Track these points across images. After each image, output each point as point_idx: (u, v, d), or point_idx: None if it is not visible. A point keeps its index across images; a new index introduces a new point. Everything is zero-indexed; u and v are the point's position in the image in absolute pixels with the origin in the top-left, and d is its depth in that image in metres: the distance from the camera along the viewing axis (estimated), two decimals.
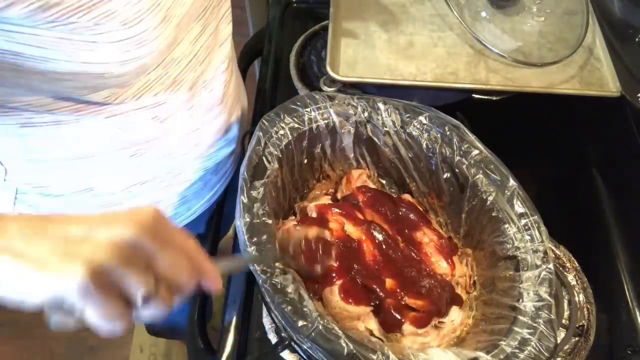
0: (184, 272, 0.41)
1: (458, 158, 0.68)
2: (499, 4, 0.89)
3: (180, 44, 0.63)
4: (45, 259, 0.37)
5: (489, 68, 0.83)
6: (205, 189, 0.84)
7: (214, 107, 0.75)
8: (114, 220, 0.40)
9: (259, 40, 1.05)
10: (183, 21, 0.60)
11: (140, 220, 0.40)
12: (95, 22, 0.49)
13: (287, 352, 0.63)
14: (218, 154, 0.81)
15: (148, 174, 0.73)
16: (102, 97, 0.59)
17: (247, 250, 0.55)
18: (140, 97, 0.63)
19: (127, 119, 0.64)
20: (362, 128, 0.71)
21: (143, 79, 0.61)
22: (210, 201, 0.86)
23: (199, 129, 0.74)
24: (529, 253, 0.62)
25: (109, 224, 0.39)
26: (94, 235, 0.39)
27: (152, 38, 0.54)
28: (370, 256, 0.65)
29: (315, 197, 0.75)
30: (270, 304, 0.54)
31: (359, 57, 0.84)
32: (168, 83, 0.65)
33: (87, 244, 0.38)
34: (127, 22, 0.51)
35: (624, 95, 0.80)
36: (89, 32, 0.50)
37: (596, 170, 0.90)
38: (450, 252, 0.70)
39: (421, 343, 0.63)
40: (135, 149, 0.69)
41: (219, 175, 0.85)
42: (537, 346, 0.55)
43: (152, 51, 0.55)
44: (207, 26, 0.67)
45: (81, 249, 0.38)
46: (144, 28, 0.53)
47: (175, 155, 0.74)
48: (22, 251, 0.37)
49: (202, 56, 0.68)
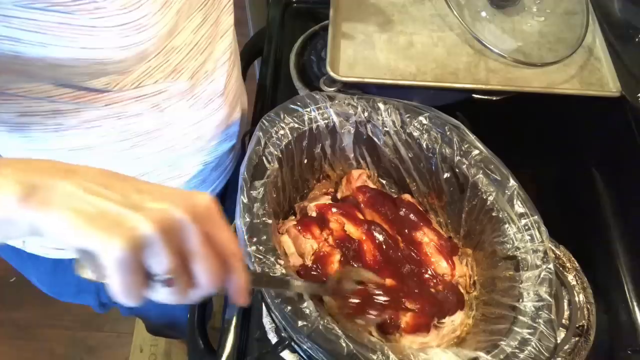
0: (213, 274, 0.40)
1: (458, 158, 0.68)
2: (499, 4, 0.89)
3: (181, 32, 0.63)
4: (96, 219, 0.37)
5: (489, 68, 0.83)
6: (205, 185, 0.84)
7: (215, 99, 0.74)
8: (171, 196, 0.40)
9: (259, 40, 1.05)
10: (184, 8, 0.60)
11: (195, 204, 0.39)
12: (95, 7, 0.49)
13: (287, 352, 0.63)
14: (218, 148, 0.81)
15: (148, 166, 0.73)
16: (102, 84, 0.59)
17: (293, 279, 0.53)
18: (141, 85, 0.63)
19: (127, 107, 0.64)
20: (362, 128, 0.71)
21: (143, 66, 0.61)
22: None
23: (200, 122, 0.74)
24: (529, 253, 0.62)
25: (164, 199, 0.39)
26: (147, 205, 0.38)
27: (152, 23, 0.54)
28: (371, 256, 0.65)
29: (315, 197, 0.75)
30: (270, 304, 0.54)
31: (359, 57, 0.84)
32: (168, 71, 0.64)
33: (140, 212, 0.37)
34: (126, 7, 0.51)
35: (624, 95, 0.80)
36: (88, 16, 0.49)
37: (596, 170, 0.90)
38: (451, 252, 0.70)
39: (421, 343, 0.63)
40: (136, 140, 0.68)
41: (219, 171, 0.85)
42: (537, 346, 0.55)
43: (152, 37, 0.55)
44: (209, 16, 0.67)
45: (131, 218, 0.37)
46: (144, 13, 0.53)
47: (175, 148, 0.74)
48: (79, 207, 0.37)
49: (203, 45, 0.68)
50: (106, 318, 1.56)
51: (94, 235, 0.36)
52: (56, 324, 1.60)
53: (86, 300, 0.97)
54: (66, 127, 0.63)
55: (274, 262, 0.55)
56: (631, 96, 0.79)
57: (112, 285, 0.37)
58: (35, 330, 1.59)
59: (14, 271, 0.89)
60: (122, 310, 1.06)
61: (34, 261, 0.81)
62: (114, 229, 0.36)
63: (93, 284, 0.92)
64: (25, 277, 0.91)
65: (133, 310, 1.07)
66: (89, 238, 0.36)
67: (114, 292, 0.38)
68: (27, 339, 1.59)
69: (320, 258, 0.65)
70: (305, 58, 0.99)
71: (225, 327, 0.70)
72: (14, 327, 1.59)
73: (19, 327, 1.60)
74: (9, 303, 1.61)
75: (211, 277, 0.40)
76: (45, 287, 0.93)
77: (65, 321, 1.60)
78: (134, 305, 0.39)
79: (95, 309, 1.02)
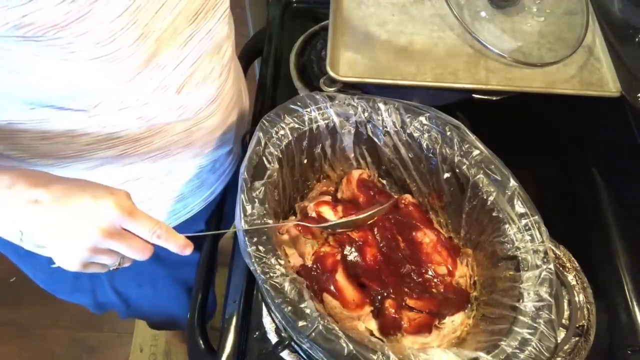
0: (138, 252, 0.54)
1: (458, 158, 0.68)
2: (499, 4, 0.89)
3: (166, 50, 0.61)
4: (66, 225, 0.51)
5: (489, 68, 0.83)
6: (203, 187, 0.83)
7: (205, 108, 0.72)
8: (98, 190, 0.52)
9: (259, 40, 1.05)
10: (165, 35, 0.59)
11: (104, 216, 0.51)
12: (68, 41, 0.49)
13: (287, 352, 0.63)
14: (214, 153, 0.80)
15: (140, 171, 0.73)
16: (83, 105, 0.59)
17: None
18: (123, 102, 0.61)
19: (111, 119, 0.63)
20: (363, 128, 0.71)
21: (124, 85, 0.60)
22: (208, 200, 0.86)
23: (190, 129, 0.72)
24: (530, 253, 0.62)
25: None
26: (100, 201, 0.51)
27: (127, 55, 0.54)
28: (371, 256, 0.65)
29: (316, 197, 0.75)
30: (270, 304, 0.54)
31: (358, 57, 0.84)
32: (152, 87, 0.63)
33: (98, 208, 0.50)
34: (99, 42, 0.51)
35: (624, 95, 0.80)
36: (62, 51, 0.50)
37: (596, 170, 0.90)
38: (451, 252, 0.70)
39: (422, 343, 0.63)
40: (123, 148, 0.68)
41: (217, 174, 0.84)
42: (537, 346, 0.55)
43: (127, 67, 0.55)
44: (199, 30, 0.64)
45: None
46: (118, 47, 0.52)
47: (167, 154, 0.73)
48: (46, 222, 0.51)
49: (191, 59, 0.65)
50: (106, 318, 1.56)
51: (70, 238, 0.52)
52: (56, 324, 1.60)
53: (81, 299, 0.97)
54: (52, 134, 0.62)
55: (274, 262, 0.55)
56: (631, 96, 0.79)
57: (123, 251, 0.53)
58: (35, 330, 1.59)
59: (14, 271, 0.89)
60: (121, 312, 1.06)
61: (30, 259, 0.82)
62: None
63: (89, 283, 0.92)
64: (25, 277, 0.91)
65: (131, 313, 1.07)
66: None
67: (128, 254, 0.54)
68: (27, 339, 1.59)
69: (320, 258, 0.65)
70: (305, 58, 0.99)
71: (225, 327, 0.70)
72: (14, 327, 1.59)
73: (19, 327, 1.59)
74: (9, 303, 1.61)
75: (140, 255, 0.53)
76: (42, 284, 0.93)
77: (65, 321, 1.60)
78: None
79: (91, 309, 1.02)
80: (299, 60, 0.98)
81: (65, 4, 0.47)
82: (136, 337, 1.59)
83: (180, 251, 0.55)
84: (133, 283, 0.96)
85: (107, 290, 0.95)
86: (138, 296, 1.00)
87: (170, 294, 1.02)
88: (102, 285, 0.94)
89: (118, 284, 0.95)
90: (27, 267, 0.88)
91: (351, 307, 0.62)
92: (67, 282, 0.91)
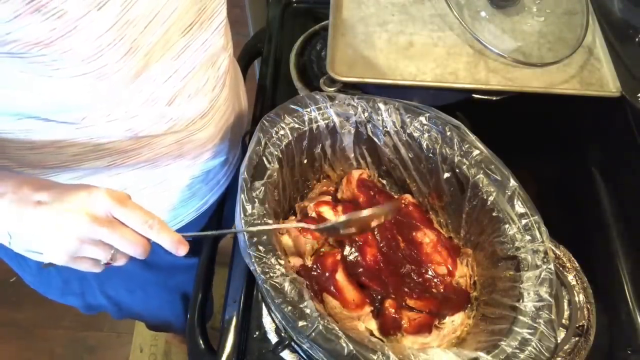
0: (133, 247, 0.53)
1: (458, 158, 0.68)
2: (499, 4, 0.89)
3: (156, 63, 0.60)
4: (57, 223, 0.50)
5: (489, 68, 0.83)
6: (195, 198, 0.82)
7: (197, 121, 0.70)
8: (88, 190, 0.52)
9: (259, 40, 1.05)
10: (155, 49, 0.58)
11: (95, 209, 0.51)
12: (53, 58, 0.48)
13: (287, 352, 0.63)
14: (206, 164, 0.78)
15: (129, 181, 0.71)
16: (70, 118, 0.58)
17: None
18: (110, 114, 0.60)
19: (99, 131, 0.62)
20: (363, 128, 0.71)
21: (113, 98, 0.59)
22: (200, 210, 0.84)
23: (181, 141, 0.71)
24: (530, 253, 0.62)
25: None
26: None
27: (114, 71, 0.53)
28: (371, 256, 0.65)
29: (316, 197, 0.75)
30: (271, 304, 0.54)
31: (358, 57, 0.84)
32: (141, 100, 0.61)
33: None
34: (85, 59, 0.50)
35: (624, 95, 0.80)
36: (47, 68, 0.49)
37: (596, 170, 0.90)
38: (451, 252, 0.70)
39: (422, 343, 0.63)
40: (111, 159, 0.66)
41: (210, 184, 0.82)
42: (537, 346, 0.55)
43: (115, 83, 0.54)
44: (193, 41, 0.63)
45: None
46: (105, 62, 0.51)
47: (157, 165, 0.71)
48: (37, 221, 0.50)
49: (184, 71, 0.64)
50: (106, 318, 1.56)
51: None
52: (56, 324, 1.59)
53: (71, 301, 0.96)
54: (39, 144, 0.61)
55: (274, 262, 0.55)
56: (631, 96, 0.79)
57: (117, 244, 0.52)
58: (35, 330, 1.59)
59: (14, 271, 0.89)
60: (113, 314, 1.05)
61: (20, 261, 0.81)
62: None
63: (78, 287, 0.92)
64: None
65: (124, 315, 1.06)
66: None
67: (122, 248, 0.52)
68: (27, 339, 1.59)
69: (320, 258, 0.65)
70: (305, 58, 0.99)
71: (225, 327, 0.70)
72: (14, 327, 1.59)
73: (19, 327, 1.60)
74: (9, 303, 1.61)
75: (133, 249, 0.52)
76: (32, 286, 0.93)
77: (65, 321, 1.60)
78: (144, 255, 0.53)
79: (82, 310, 1.01)
80: (299, 60, 0.98)
81: (51, 21, 0.46)
82: (136, 337, 1.59)
83: (173, 248, 0.53)
84: (124, 289, 0.94)
85: (97, 294, 0.93)
86: (129, 301, 0.99)
87: (162, 300, 1.01)
88: (92, 289, 0.93)
89: (108, 289, 0.93)
90: (17, 269, 0.87)
91: (351, 307, 0.62)
92: (57, 286, 0.90)
